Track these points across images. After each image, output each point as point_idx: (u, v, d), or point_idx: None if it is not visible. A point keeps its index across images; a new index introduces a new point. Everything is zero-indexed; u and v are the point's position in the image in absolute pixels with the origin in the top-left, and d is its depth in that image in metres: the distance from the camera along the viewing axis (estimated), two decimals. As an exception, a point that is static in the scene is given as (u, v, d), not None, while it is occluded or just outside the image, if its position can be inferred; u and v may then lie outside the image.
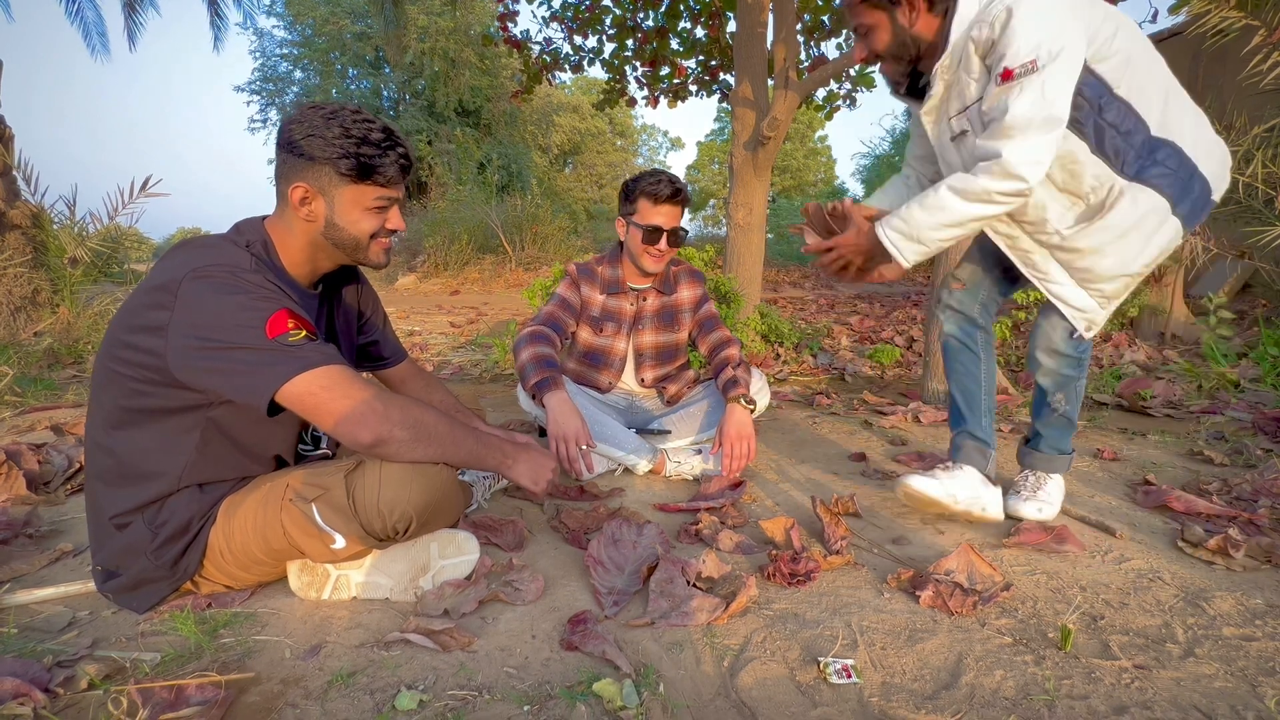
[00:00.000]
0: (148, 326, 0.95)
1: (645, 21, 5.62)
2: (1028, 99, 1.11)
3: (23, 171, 3.91)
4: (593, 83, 19.85)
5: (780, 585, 1.21)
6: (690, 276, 2.04)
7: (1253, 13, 3.42)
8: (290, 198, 1.05)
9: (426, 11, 13.51)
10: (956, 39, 1.21)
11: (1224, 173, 1.25)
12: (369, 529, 1.02)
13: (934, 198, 1.21)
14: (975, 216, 1.20)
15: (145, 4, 5.57)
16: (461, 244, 9.15)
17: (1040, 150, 1.12)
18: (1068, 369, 1.40)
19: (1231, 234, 4.13)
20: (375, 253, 1.13)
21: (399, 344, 1.45)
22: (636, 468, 1.81)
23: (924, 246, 1.25)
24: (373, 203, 1.08)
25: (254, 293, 0.96)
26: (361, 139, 1.03)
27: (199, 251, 0.98)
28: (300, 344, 0.96)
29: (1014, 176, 1.13)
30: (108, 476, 1.03)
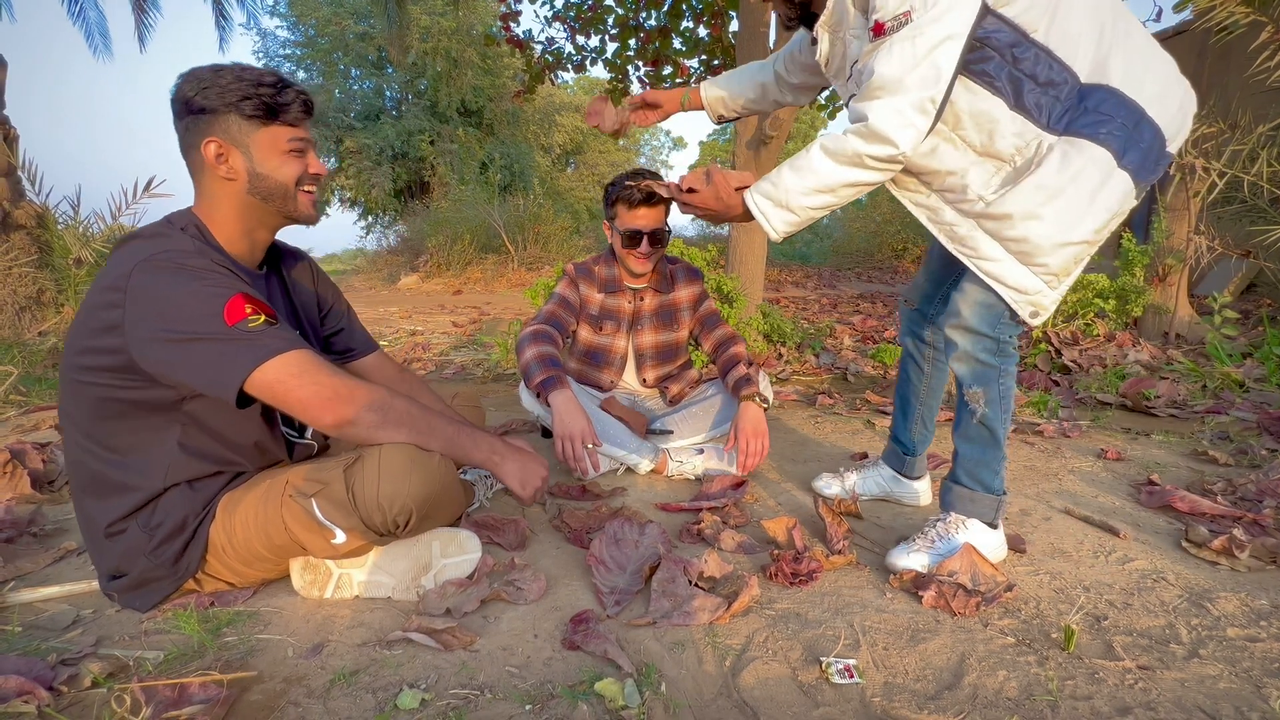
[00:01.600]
0: (104, 327, 0.94)
1: (648, 21, 5.62)
2: (897, 55, 0.98)
3: (27, 172, 3.93)
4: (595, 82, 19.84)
5: (782, 585, 1.21)
6: (688, 274, 2.04)
7: (1260, 8, 3.40)
8: (205, 156, 1.02)
9: (429, 12, 13.51)
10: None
11: (1185, 119, 1.08)
12: (369, 523, 1.02)
13: (805, 159, 1.10)
14: (847, 182, 1.08)
15: (153, 5, 5.58)
16: (464, 244, 9.17)
17: (910, 113, 1.00)
18: (984, 354, 1.18)
19: (1236, 233, 4.11)
20: (304, 204, 1.11)
21: (368, 335, 1.42)
22: (639, 467, 1.81)
23: (792, 215, 1.12)
24: (288, 144, 1.06)
25: (205, 278, 0.95)
26: (256, 81, 1.01)
27: (140, 244, 0.97)
28: (261, 330, 0.95)
29: (883, 139, 1.02)
30: (94, 488, 1.03)
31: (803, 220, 1.14)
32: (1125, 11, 1.07)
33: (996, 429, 1.22)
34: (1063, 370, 3.21)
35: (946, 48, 0.98)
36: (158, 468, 1.03)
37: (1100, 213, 1.05)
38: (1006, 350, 1.19)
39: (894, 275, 10.10)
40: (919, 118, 1.01)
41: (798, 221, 1.14)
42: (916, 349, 1.53)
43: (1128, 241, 3.89)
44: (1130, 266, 3.82)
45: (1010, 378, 1.22)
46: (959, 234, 1.16)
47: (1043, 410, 2.56)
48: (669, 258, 2.06)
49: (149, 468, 1.02)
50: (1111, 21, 1.05)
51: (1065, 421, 2.39)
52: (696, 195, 1.24)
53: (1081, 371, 3.14)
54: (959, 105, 1.08)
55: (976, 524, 1.27)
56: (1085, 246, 1.09)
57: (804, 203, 1.11)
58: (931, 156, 1.13)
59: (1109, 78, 1.04)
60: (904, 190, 1.23)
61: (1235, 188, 3.71)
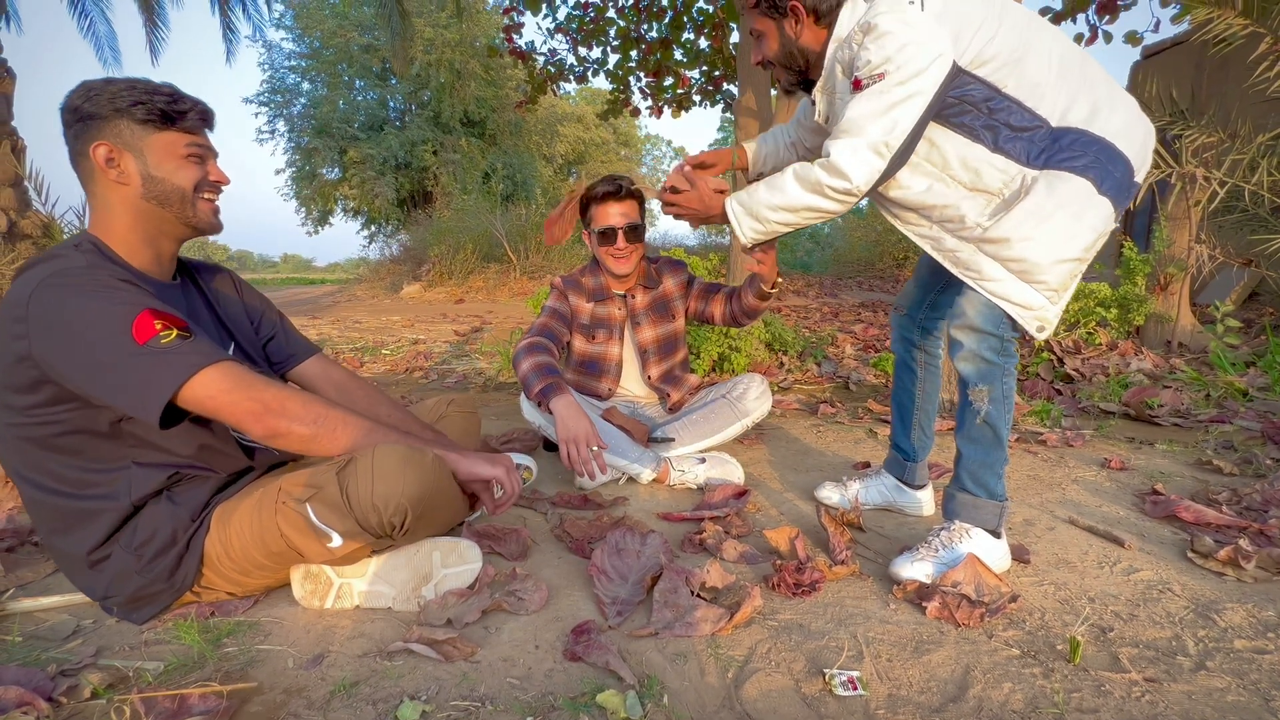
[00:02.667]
0: (15, 360, 0.91)
1: (649, 33, 5.68)
2: (863, 104, 1.11)
3: (34, 182, 3.97)
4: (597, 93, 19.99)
5: (785, 596, 1.20)
6: (671, 266, 2.09)
7: (1258, 19, 3.42)
8: (95, 160, 0.98)
9: (433, 24, 13.66)
10: (828, 60, 1.22)
11: (1147, 153, 1.18)
12: (365, 524, 1.01)
13: (780, 179, 1.21)
14: (808, 205, 1.19)
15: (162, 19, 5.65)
16: (466, 253, 9.21)
17: (865, 152, 1.11)
18: (990, 352, 1.23)
19: (1237, 242, 4.11)
20: (204, 210, 1.07)
21: (305, 339, 1.38)
22: (640, 476, 1.81)
23: (760, 225, 1.24)
24: (185, 149, 1.03)
25: (106, 295, 0.91)
26: (149, 90, 1.00)
27: (35, 269, 0.94)
28: (174, 346, 0.92)
29: (839, 174, 1.13)
30: (60, 526, 1.01)
31: (768, 231, 1.26)
32: (1088, 60, 1.19)
33: (999, 428, 1.26)
34: (1065, 379, 3.20)
35: (909, 104, 1.10)
36: (119, 489, 1.01)
37: (1088, 232, 1.15)
38: (1009, 350, 1.25)
39: (895, 284, 10.11)
40: (873, 158, 1.13)
41: (764, 231, 1.26)
42: (909, 354, 1.58)
43: (1129, 250, 3.89)
44: (1132, 275, 3.82)
45: (1012, 378, 1.26)
46: (962, 259, 1.24)
47: (1046, 419, 2.55)
48: (649, 257, 2.09)
49: (110, 491, 1.01)
50: (1078, 69, 1.16)
51: (1068, 430, 2.38)
52: (681, 196, 1.36)
53: (1084, 380, 3.14)
54: (945, 151, 1.20)
55: (980, 533, 1.28)
56: (1077, 263, 1.17)
57: (770, 216, 1.23)
58: (928, 194, 1.23)
59: (1078, 121, 1.15)
60: (908, 225, 1.31)
61: (1236, 197, 3.72)
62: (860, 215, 13.03)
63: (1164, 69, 6.95)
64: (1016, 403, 2.79)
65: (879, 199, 1.30)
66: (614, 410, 1.94)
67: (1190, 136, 3.67)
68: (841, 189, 1.15)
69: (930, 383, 1.57)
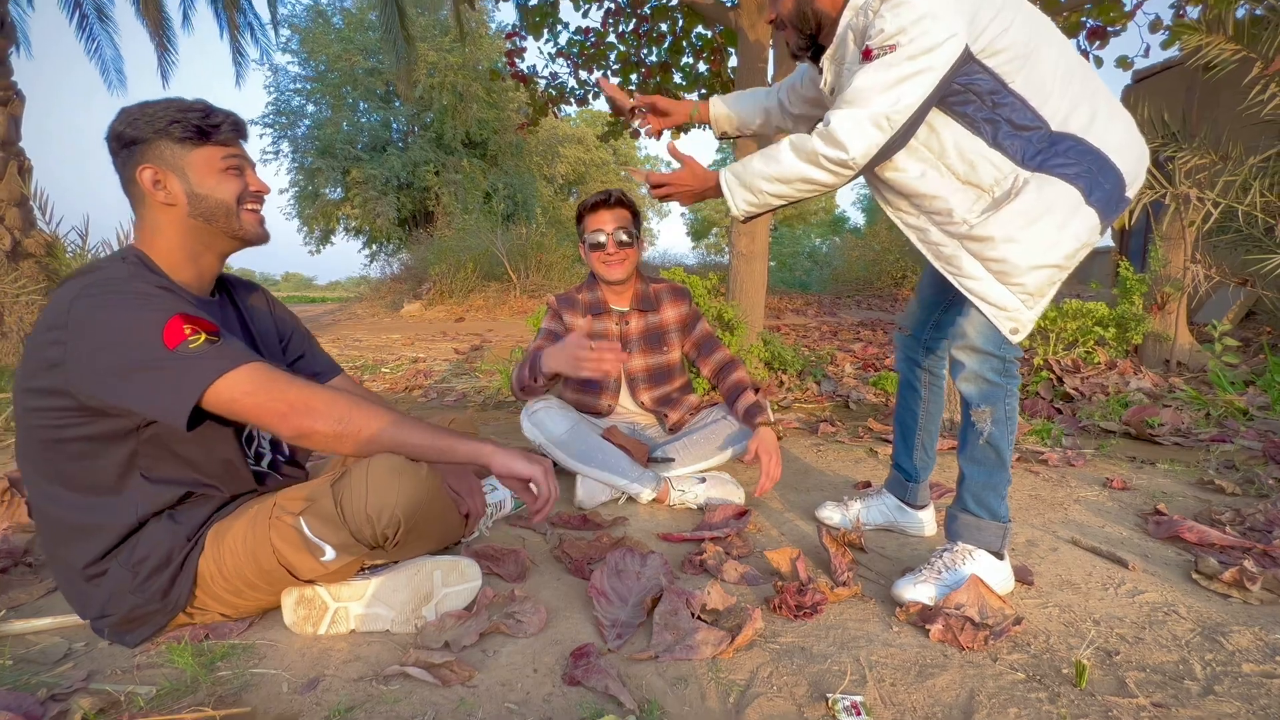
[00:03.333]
0: (47, 366, 0.93)
1: (649, 57, 5.78)
2: (870, 75, 1.08)
3: (38, 202, 4.00)
4: (597, 115, 20.27)
5: (786, 618, 1.19)
6: (673, 295, 2.05)
7: (1248, 45, 3.49)
8: (142, 184, 1.02)
9: (436, 48, 13.91)
10: (842, 26, 1.19)
11: (1139, 171, 1.18)
12: (359, 536, 1.00)
13: (774, 149, 1.18)
14: (802, 176, 1.15)
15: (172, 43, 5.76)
16: (467, 272, 9.25)
17: (866, 124, 1.08)
18: (992, 373, 1.22)
19: (1232, 261, 4.14)
20: (249, 222, 1.10)
21: (330, 358, 1.41)
22: (640, 496, 1.80)
23: (753, 196, 1.21)
24: (223, 163, 1.06)
25: (142, 302, 0.93)
26: (183, 108, 1.03)
27: (79, 279, 0.97)
28: (202, 350, 0.93)
29: (836, 144, 1.10)
30: (64, 536, 1.01)
31: (761, 203, 1.22)
32: (1092, 72, 1.19)
33: (1002, 449, 1.25)
34: (1065, 398, 3.20)
35: (917, 80, 1.07)
36: (126, 503, 1.01)
37: (1070, 241, 1.14)
38: (1011, 371, 1.24)
39: (893, 303, 10.16)
40: (873, 131, 1.09)
41: (757, 203, 1.22)
42: (913, 374, 1.57)
43: (1125, 270, 3.91)
44: (1129, 294, 3.84)
45: (1014, 399, 1.26)
46: (945, 253, 1.24)
47: (1046, 438, 2.55)
48: (652, 279, 2.08)
49: (117, 505, 1.00)
50: (1081, 79, 1.16)
51: (1069, 450, 2.38)
52: (672, 174, 1.32)
53: (1084, 399, 3.14)
54: (944, 138, 1.18)
55: (983, 554, 1.27)
56: (1057, 270, 1.17)
57: (764, 188, 1.20)
58: (921, 180, 1.21)
59: (1076, 129, 1.14)
60: (898, 211, 1.31)
61: (1230, 217, 3.76)
62: (859, 235, 13.13)
63: (1155, 92, 7.07)
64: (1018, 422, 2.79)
65: (873, 180, 1.29)
66: (614, 430, 1.93)
67: (1183, 158, 3.72)
68: (837, 159, 1.11)
69: (934, 403, 1.57)
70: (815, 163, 1.14)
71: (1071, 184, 1.13)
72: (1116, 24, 4.37)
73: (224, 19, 5.83)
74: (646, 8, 5.38)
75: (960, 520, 1.30)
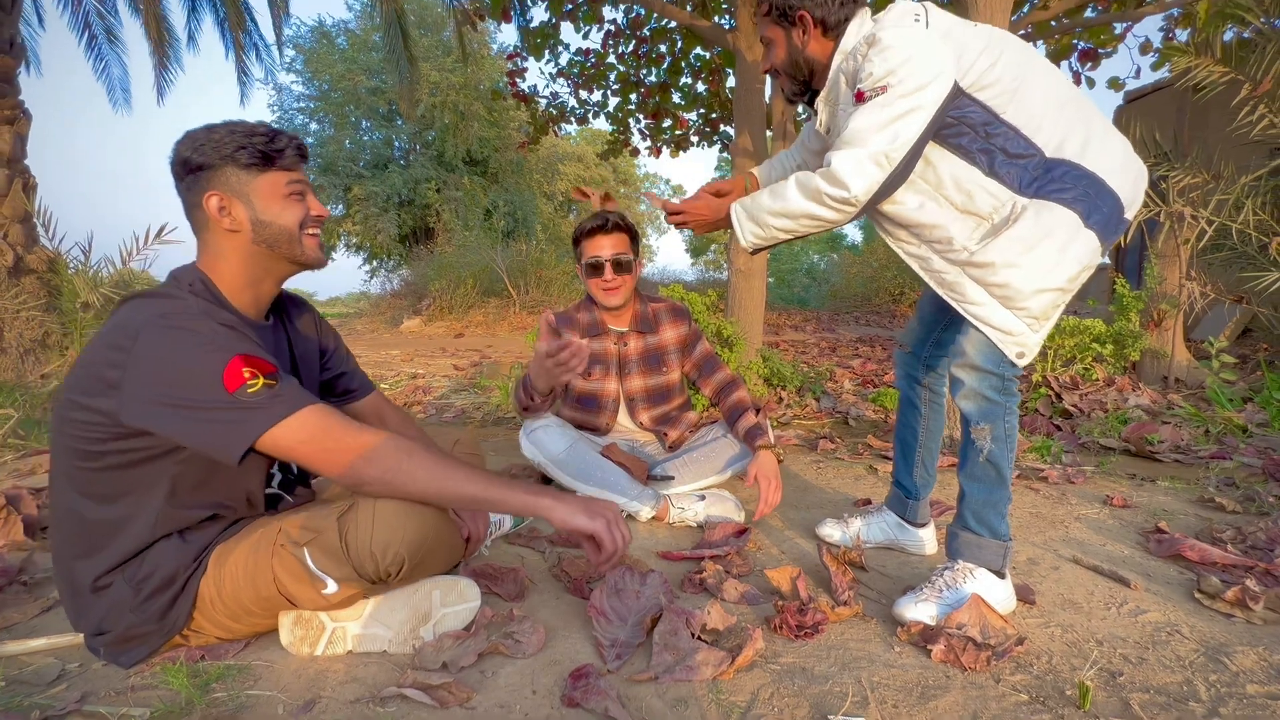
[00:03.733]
0: (103, 385, 0.93)
1: (648, 77, 5.87)
2: (865, 115, 1.12)
3: (42, 218, 4.02)
4: (597, 133, 20.49)
5: (787, 638, 1.18)
6: (672, 315, 2.04)
7: (1237, 67, 3.55)
8: (208, 210, 1.02)
9: (439, 68, 14.10)
10: (833, 70, 1.25)
11: (1138, 192, 1.20)
12: (361, 571, 1.00)
13: (782, 186, 1.22)
14: (807, 213, 1.19)
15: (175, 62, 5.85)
16: (467, 288, 9.29)
17: (866, 163, 1.12)
18: (991, 391, 1.23)
19: (1227, 279, 4.17)
20: (310, 247, 1.10)
21: (366, 376, 1.42)
22: (639, 514, 1.79)
23: (760, 230, 1.25)
24: (287, 188, 1.06)
25: (207, 342, 0.94)
26: (248, 132, 1.03)
27: (146, 303, 0.97)
28: (260, 395, 0.93)
29: (838, 183, 1.13)
30: (80, 543, 1.01)
31: (768, 236, 1.26)
32: (1084, 99, 1.22)
33: (1002, 466, 1.25)
34: (1064, 415, 3.20)
35: (911, 118, 1.11)
36: (145, 520, 1.00)
37: (1071, 264, 1.16)
38: (1010, 389, 1.25)
39: (892, 319, 10.19)
40: (873, 169, 1.13)
41: (764, 236, 1.26)
42: (913, 392, 1.58)
43: (1121, 287, 3.94)
44: (1125, 311, 3.86)
45: (1014, 416, 1.26)
46: (947, 280, 1.25)
47: (1046, 455, 2.55)
48: (651, 298, 2.08)
49: (137, 519, 1.00)
50: (1074, 106, 1.19)
51: (1069, 467, 2.37)
52: (687, 203, 1.38)
53: (1083, 416, 3.14)
54: (940, 170, 1.21)
55: (984, 573, 1.26)
56: (1060, 293, 1.19)
57: (771, 223, 1.24)
58: (920, 211, 1.24)
59: (1071, 154, 1.17)
60: (899, 242, 1.32)
61: (1224, 235, 3.79)
62: (857, 252, 13.22)
63: (1147, 112, 7.18)
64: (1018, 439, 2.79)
65: (873, 213, 1.32)
66: (614, 447, 1.93)
67: (1176, 177, 3.76)
68: (839, 198, 1.15)
69: (934, 420, 1.57)
70: (819, 200, 1.17)
71: (1069, 208, 1.15)
72: (1107, 46, 4.45)
73: (229, 40, 5.92)
74: (646, 30, 5.47)
75: (961, 538, 1.30)
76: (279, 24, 5.94)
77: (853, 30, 1.23)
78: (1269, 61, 3.43)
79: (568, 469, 1.81)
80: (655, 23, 5.40)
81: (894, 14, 1.17)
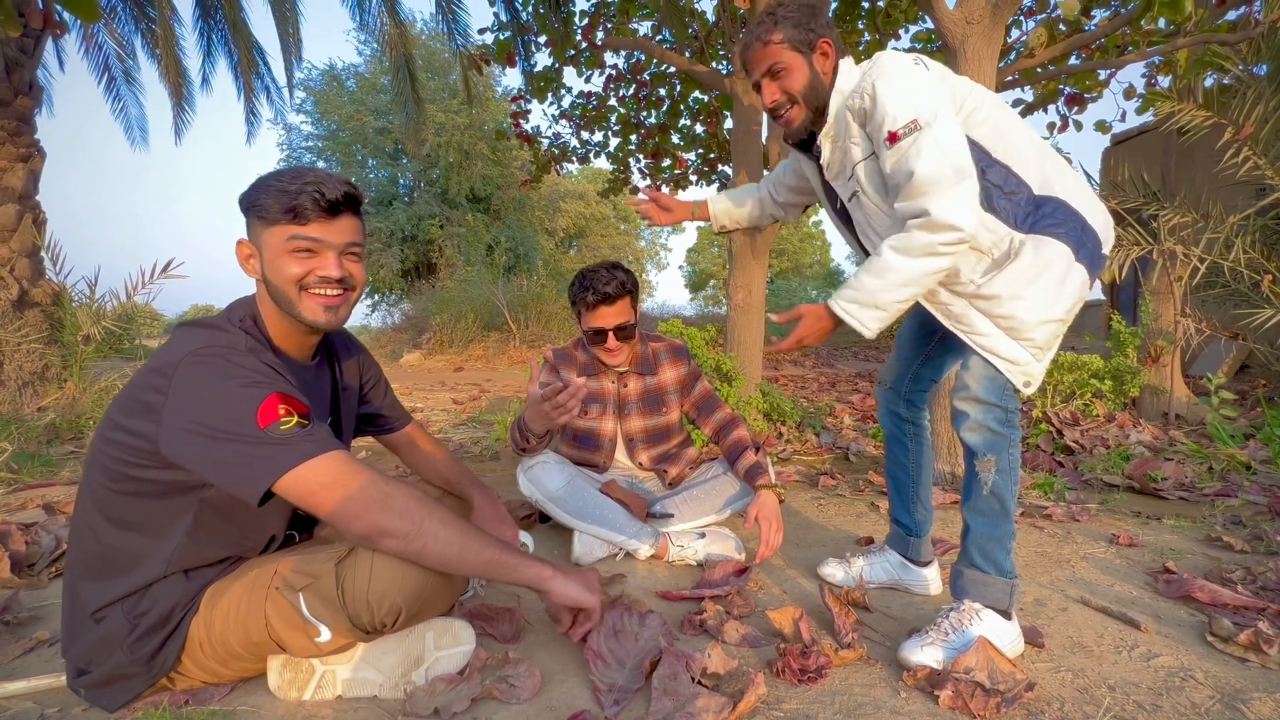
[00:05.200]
0: (143, 408, 0.94)
1: (648, 119, 6.04)
2: (926, 155, 1.14)
3: (50, 252, 4.08)
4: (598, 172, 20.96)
5: (790, 683, 1.14)
6: (672, 355, 2.02)
7: (1220, 111, 3.66)
8: (238, 257, 1.07)
9: (444, 109, 14.51)
10: (836, 107, 1.27)
11: (1109, 232, 1.27)
12: (356, 621, 0.98)
13: (879, 262, 1.20)
14: (926, 271, 1.18)
15: (190, 104, 6.03)
16: (467, 322, 9.34)
17: (961, 197, 1.14)
18: (995, 423, 1.24)
19: (1222, 315, 4.21)
20: (308, 308, 1.03)
21: (402, 408, 1.44)
22: (638, 552, 1.76)
23: (882, 312, 1.22)
24: (287, 243, 1.00)
25: (247, 377, 0.94)
26: (281, 181, 1.00)
27: (196, 334, 0.99)
28: (291, 434, 0.93)
29: (948, 226, 1.14)
30: (93, 565, 1.00)
31: (890, 315, 1.23)
32: (1054, 152, 1.29)
33: (1006, 499, 1.25)
34: (1065, 451, 3.18)
35: (961, 142, 1.16)
36: (161, 555, 1.00)
37: (1069, 296, 1.22)
38: (1013, 421, 1.26)
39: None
40: (970, 198, 1.15)
41: (886, 317, 1.23)
42: (898, 428, 1.59)
43: (1118, 323, 3.97)
44: (1123, 347, 3.88)
45: (1017, 449, 1.27)
46: (954, 312, 1.28)
47: (1049, 492, 2.52)
48: (651, 336, 2.06)
49: (152, 553, 0.99)
50: (1050, 154, 1.27)
51: (1073, 505, 2.34)
52: (798, 330, 1.30)
53: (1085, 452, 3.12)
54: None
55: (991, 614, 1.24)
56: (1060, 324, 1.24)
57: (889, 298, 1.21)
58: None
59: (1056, 191, 1.24)
60: None
61: (1216, 273, 3.85)
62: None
63: (1134, 153, 7.36)
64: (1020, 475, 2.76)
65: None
66: (613, 484, 1.91)
67: (1166, 216, 3.84)
68: (953, 240, 1.15)
69: (922, 454, 1.57)
70: (933, 253, 1.17)
71: (1063, 242, 1.21)
72: (1092, 91, 4.60)
73: (241, 82, 6.11)
74: (646, 74, 5.66)
75: (966, 576, 1.28)
76: (291, 68, 6.14)
77: (846, 72, 1.28)
78: (1249, 106, 3.55)
79: (565, 506, 1.79)
80: (655, 67, 5.58)
81: (893, 58, 1.22)
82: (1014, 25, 4.40)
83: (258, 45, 6.08)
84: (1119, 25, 3.30)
